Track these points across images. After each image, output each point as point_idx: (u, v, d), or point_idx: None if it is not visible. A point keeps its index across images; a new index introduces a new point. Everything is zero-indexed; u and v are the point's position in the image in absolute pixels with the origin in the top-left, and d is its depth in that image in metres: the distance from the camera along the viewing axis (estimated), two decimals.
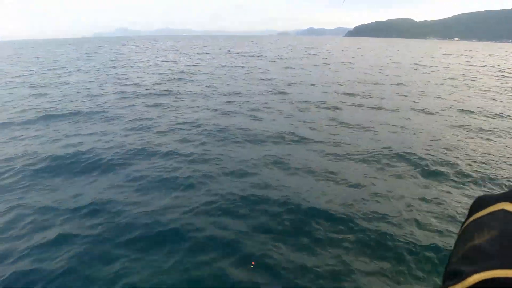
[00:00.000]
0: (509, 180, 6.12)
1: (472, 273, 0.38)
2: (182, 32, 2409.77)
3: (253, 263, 4.03)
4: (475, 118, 10.61)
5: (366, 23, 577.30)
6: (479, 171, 6.46)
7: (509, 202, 0.46)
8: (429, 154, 7.24)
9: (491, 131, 9.26)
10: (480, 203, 0.51)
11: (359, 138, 8.30)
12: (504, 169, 6.59)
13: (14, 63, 31.60)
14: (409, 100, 13.10)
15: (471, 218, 0.50)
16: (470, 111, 11.43)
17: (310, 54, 42.38)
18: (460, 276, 0.39)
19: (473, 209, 0.51)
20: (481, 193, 0.53)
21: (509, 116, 10.95)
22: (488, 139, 8.58)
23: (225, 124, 9.20)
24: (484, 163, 6.89)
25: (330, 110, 11.09)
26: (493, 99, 13.83)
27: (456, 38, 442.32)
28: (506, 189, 0.38)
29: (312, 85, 16.14)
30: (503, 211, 0.45)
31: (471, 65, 29.99)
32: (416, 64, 29.16)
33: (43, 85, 17.04)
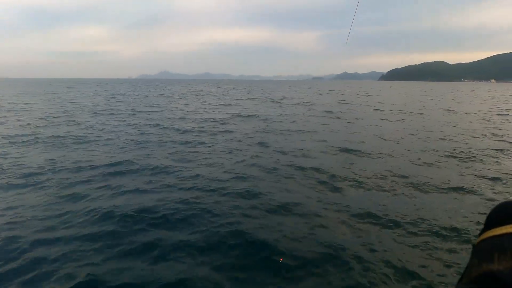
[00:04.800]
0: None
1: None
2: (219, 76, 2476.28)
3: (281, 259, 4.13)
4: None
5: (399, 67, 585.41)
6: None
7: None
8: None
9: None
10: (503, 215, 0.42)
11: None
12: None
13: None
14: None
15: (491, 233, 0.42)
16: None
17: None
18: None
19: (494, 220, 0.43)
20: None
21: None
22: None
23: None
24: None
25: None
26: None
27: (493, 80, 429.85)
28: None
29: None
30: None
31: None
32: None
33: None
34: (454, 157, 9.57)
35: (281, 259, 4.16)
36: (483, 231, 0.44)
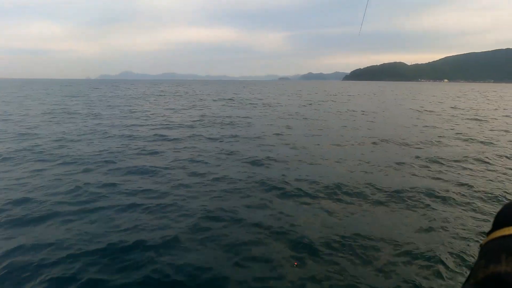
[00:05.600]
0: None
1: None
2: (186, 77, 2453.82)
3: (296, 263, 4.08)
4: None
5: (361, 68, 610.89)
6: None
7: None
8: None
9: None
10: (510, 215, 0.41)
11: None
12: None
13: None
14: None
15: (499, 233, 0.40)
16: None
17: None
18: None
19: (502, 220, 0.41)
20: None
21: None
22: None
23: None
24: None
25: None
26: None
27: (445, 80, 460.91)
28: None
29: None
30: None
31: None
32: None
33: None
34: (419, 158, 9.44)
35: (295, 263, 4.08)
36: (491, 231, 0.42)
